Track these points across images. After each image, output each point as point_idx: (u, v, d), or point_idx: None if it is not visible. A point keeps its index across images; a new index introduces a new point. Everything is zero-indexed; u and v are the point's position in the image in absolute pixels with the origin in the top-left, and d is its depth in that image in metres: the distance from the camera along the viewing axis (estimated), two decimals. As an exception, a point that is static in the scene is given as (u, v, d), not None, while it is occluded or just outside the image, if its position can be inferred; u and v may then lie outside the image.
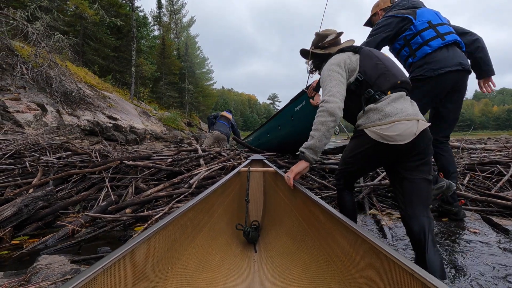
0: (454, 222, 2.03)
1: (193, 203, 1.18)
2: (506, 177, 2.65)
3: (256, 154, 2.81)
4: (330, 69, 1.44)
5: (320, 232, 1.20)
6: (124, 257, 0.73)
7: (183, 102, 32.26)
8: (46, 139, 3.38)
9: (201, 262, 1.19)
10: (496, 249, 1.62)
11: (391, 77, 1.37)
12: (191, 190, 2.28)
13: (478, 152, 3.50)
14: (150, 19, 33.00)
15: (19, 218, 1.92)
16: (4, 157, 2.80)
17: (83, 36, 15.52)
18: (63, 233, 1.85)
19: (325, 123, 1.33)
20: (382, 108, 1.29)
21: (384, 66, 1.40)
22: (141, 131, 9.33)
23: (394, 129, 1.24)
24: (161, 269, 0.92)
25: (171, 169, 2.79)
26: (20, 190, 2.38)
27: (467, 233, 1.85)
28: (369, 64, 1.42)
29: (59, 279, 1.16)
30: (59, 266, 1.29)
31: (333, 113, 1.32)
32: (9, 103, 5.38)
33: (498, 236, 1.79)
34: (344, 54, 1.51)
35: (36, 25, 7.37)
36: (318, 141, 1.34)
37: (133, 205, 2.24)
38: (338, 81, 1.39)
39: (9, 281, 1.15)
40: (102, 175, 2.70)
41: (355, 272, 0.87)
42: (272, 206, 1.97)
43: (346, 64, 1.45)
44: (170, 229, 1.00)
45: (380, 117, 1.28)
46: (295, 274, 1.20)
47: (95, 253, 1.58)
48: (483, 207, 2.32)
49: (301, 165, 1.43)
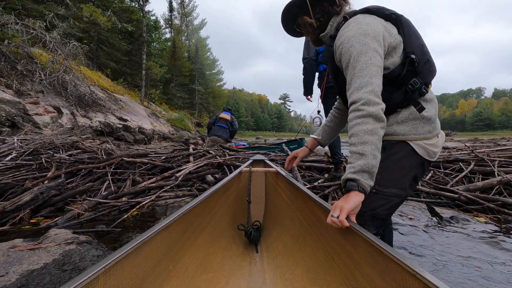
0: (400, 211, 2.34)
1: (195, 203, 1.16)
2: (463, 173, 2.92)
3: (258, 155, 3.00)
4: (365, 44, 0.94)
5: (321, 232, 1.18)
6: (125, 257, 0.73)
7: (193, 103, 33.03)
8: (60, 139, 3.87)
9: (203, 262, 1.19)
10: (420, 232, 1.93)
11: (434, 66, 1.07)
12: (177, 183, 2.68)
13: (447, 152, 3.74)
14: (162, 22, 33.97)
15: (36, 203, 2.37)
16: (24, 154, 3.29)
17: (97, 41, 16.39)
18: (70, 215, 2.29)
19: (374, 131, 0.88)
20: (434, 118, 1.04)
21: (428, 50, 1.06)
22: (149, 131, 9.87)
23: (438, 145, 1.05)
24: (162, 269, 0.93)
25: (164, 165, 3.20)
26: (37, 181, 2.84)
27: (404, 218, 2.16)
28: (416, 42, 1.03)
29: (62, 241, 1.57)
30: (64, 235, 1.70)
31: (381, 117, 0.90)
32: (29, 107, 5.97)
33: (429, 222, 2.10)
34: (375, 19, 1.02)
35: (53, 34, 8.01)
36: (373, 158, 0.86)
37: (129, 195, 2.66)
38: (378, 68, 0.94)
39: (27, 243, 1.57)
40: (106, 170, 3.14)
41: (357, 273, 0.87)
42: (273, 206, 1.96)
43: (386, 39, 0.99)
44: (172, 229, 0.99)
45: (430, 130, 1.02)
46: (296, 275, 1.19)
47: (93, 228, 2.00)
48: (435, 199, 2.61)
49: (355, 198, 0.86)
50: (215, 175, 2.93)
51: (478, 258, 1.55)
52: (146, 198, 2.47)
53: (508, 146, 3.44)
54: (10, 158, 3.15)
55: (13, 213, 2.22)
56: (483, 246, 1.70)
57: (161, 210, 2.43)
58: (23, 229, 2.04)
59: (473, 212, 2.36)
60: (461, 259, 1.54)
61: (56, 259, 1.40)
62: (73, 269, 1.36)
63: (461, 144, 3.94)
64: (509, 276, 1.37)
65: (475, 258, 1.55)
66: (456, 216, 2.19)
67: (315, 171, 3.44)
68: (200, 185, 2.82)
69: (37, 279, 1.23)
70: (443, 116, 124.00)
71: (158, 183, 2.78)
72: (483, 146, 3.83)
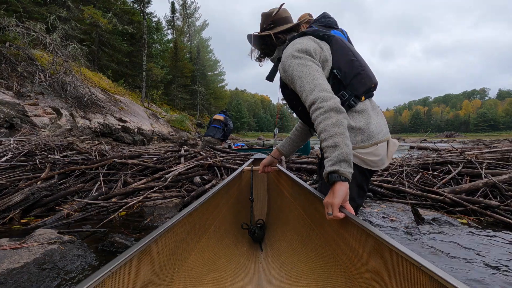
0: (383, 212, 2.36)
1: (198, 204, 1.16)
2: (450, 176, 2.93)
3: (259, 153, 3.01)
4: (300, 58, 1.07)
5: (325, 229, 1.17)
6: (131, 260, 0.73)
7: (195, 104, 33.18)
8: (56, 140, 3.93)
9: (208, 263, 1.19)
10: (399, 232, 1.96)
11: (366, 78, 1.15)
12: (165, 184, 2.73)
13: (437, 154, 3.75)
14: (164, 24, 34.17)
15: (27, 203, 2.43)
16: (19, 155, 3.36)
17: (99, 43, 16.54)
18: (59, 215, 2.34)
19: (339, 123, 0.93)
20: (365, 127, 1.09)
21: (360, 64, 1.16)
22: (149, 132, 9.95)
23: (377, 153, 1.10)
24: (167, 271, 0.93)
25: (155, 166, 3.25)
26: (30, 182, 2.90)
27: (386, 220, 2.18)
28: (343, 58, 1.14)
29: (46, 241, 1.62)
30: (48, 235, 1.75)
31: (340, 108, 0.96)
32: (28, 108, 6.07)
33: (410, 223, 2.12)
34: (309, 39, 1.15)
35: (53, 36, 8.12)
36: (345, 147, 0.91)
37: (118, 195, 2.71)
38: (320, 72, 1.05)
39: (12, 242, 1.62)
40: (98, 171, 3.20)
41: (362, 268, 0.87)
42: (276, 204, 1.95)
43: (318, 53, 1.11)
44: (176, 231, 1.00)
45: (363, 139, 1.08)
46: (301, 271, 1.19)
47: (79, 229, 2.04)
48: (420, 201, 2.63)
49: (340, 190, 0.89)
50: (204, 177, 2.97)
51: (454, 256, 1.58)
52: (134, 199, 2.51)
53: (498, 148, 3.45)
54: (5, 159, 3.22)
55: (4, 213, 2.28)
56: (458, 246, 1.73)
57: (149, 211, 2.48)
58: (12, 228, 2.09)
59: (456, 214, 2.38)
60: (434, 257, 1.57)
61: (37, 258, 1.44)
62: (52, 268, 1.41)
63: (449, 145, 3.94)
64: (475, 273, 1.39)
65: (448, 257, 1.58)
66: (439, 218, 2.21)
67: (305, 173, 3.47)
68: (189, 187, 2.86)
69: (15, 277, 1.28)
70: (447, 117, 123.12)
71: (148, 184, 2.82)
72: (474, 148, 3.83)
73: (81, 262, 1.53)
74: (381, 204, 2.56)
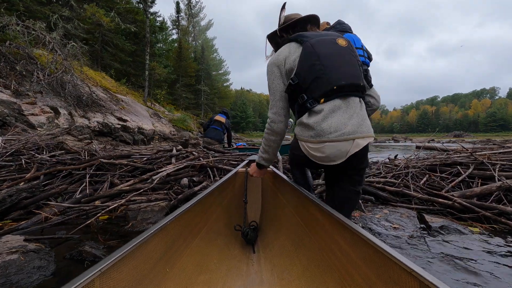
0: (385, 219, 2.15)
1: (191, 204, 1.17)
2: (460, 178, 2.70)
3: (254, 155, 2.91)
4: (272, 73, 1.36)
5: (318, 232, 1.19)
6: (121, 260, 0.72)
7: (199, 104, 33.14)
8: (45, 140, 3.81)
9: (200, 264, 1.19)
10: (402, 241, 1.75)
11: (325, 82, 1.20)
12: (152, 185, 2.56)
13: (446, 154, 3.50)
14: (169, 23, 34.21)
15: (3, 206, 2.28)
16: (6, 155, 3.23)
17: (102, 42, 16.53)
18: (36, 219, 2.19)
19: (275, 141, 1.45)
20: (315, 126, 1.20)
21: (322, 67, 1.20)
22: (149, 132, 9.85)
23: (323, 151, 1.20)
24: (159, 271, 0.92)
25: (145, 166, 3.09)
26: (13, 183, 2.77)
27: (388, 228, 1.97)
28: (306, 64, 1.24)
29: (5, 250, 1.46)
30: (13, 242, 1.59)
31: (279, 132, 1.41)
32: (25, 107, 5.98)
33: (415, 231, 1.91)
34: (288, 47, 1.35)
35: (53, 34, 8.06)
36: (273, 155, 1.53)
37: (102, 198, 2.55)
38: (281, 93, 1.35)
39: (-31, 251, 1.46)
40: (85, 172, 3.05)
41: (354, 272, 0.87)
42: (270, 206, 1.96)
43: (286, 65, 1.31)
44: (168, 230, 1.00)
45: (312, 135, 1.22)
46: (293, 275, 1.19)
47: (53, 235, 1.88)
48: (427, 206, 2.41)
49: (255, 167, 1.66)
50: (194, 178, 2.79)
51: (468, 271, 1.37)
52: (116, 202, 2.35)
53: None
54: (-10, 159, 3.10)
55: (-23, 216, 2.14)
56: (471, 260, 1.51)
57: (133, 215, 2.31)
58: (-16, 233, 1.94)
59: (467, 221, 2.16)
60: (444, 273, 1.36)
61: (-12, 271, 1.28)
62: (4, 284, 1.25)
63: (458, 145, 3.69)
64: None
65: (460, 272, 1.37)
66: (448, 226, 1.99)
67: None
68: (178, 189, 2.69)
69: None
70: (455, 116, 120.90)
71: (134, 186, 2.66)
72: (486, 148, 3.57)
73: (39, 275, 1.36)
74: (384, 209, 2.34)
